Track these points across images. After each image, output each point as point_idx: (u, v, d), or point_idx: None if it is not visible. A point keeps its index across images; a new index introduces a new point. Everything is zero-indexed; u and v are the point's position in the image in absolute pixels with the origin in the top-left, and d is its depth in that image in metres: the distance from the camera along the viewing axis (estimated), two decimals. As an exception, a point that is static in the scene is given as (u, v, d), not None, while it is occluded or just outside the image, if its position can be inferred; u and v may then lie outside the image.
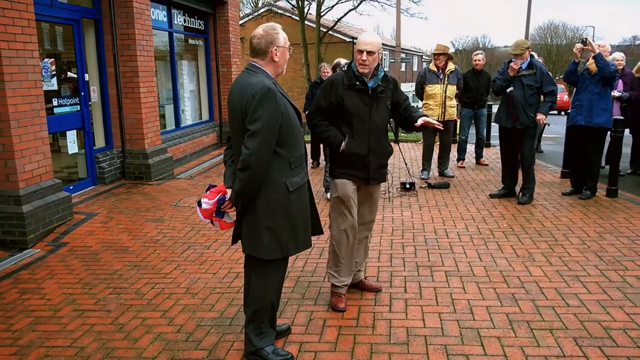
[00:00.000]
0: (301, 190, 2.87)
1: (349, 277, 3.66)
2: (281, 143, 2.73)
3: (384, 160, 3.67)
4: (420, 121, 3.55)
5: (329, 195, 6.64)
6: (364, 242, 3.83)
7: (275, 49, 2.79)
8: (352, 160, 3.48)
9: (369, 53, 3.38)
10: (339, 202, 3.54)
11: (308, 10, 25.26)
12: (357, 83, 3.43)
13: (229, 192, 2.85)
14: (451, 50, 8.22)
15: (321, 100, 3.51)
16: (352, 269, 3.67)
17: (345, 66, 3.58)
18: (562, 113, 22.71)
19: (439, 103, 7.52)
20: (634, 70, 7.83)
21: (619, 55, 7.57)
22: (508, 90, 6.07)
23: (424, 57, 44.47)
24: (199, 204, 2.90)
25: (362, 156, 3.49)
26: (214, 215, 2.92)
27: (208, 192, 2.91)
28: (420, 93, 7.80)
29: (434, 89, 7.51)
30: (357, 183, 3.57)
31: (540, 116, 6.04)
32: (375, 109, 3.49)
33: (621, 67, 7.52)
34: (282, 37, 2.83)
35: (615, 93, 7.21)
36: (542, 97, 6.15)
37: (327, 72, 7.89)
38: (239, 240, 2.97)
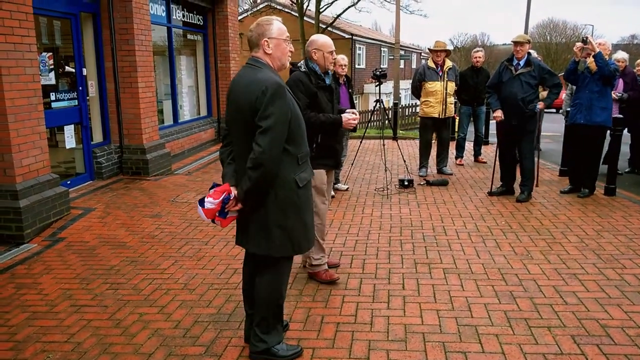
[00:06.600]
0: (308, 186, 2.90)
1: (325, 253, 4.09)
2: (290, 140, 2.70)
3: (341, 147, 4.24)
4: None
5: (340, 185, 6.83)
6: None
7: (266, 41, 2.74)
8: (326, 151, 3.85)
9: (336, 52, 4.01)
10: (316, 191, 3.80)
11: (307, 6, 25.11)
12: (320, 81, 3.83)
13: (233, 190, 2.76)
14: (450, 47, 8.25)
15: (303, 99, 3.70)
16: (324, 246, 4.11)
17: (302, 66, 3.83)
18: (560, 111, 22.68)
19: (440, 100, 7.53)
20: (636, 64, 7.80)
21: (620, 56, 7.55)
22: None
23: (422, 54, 44.36)
24: (202, 203, 2.75)
25: (333, 145, 3.94)
26: (217, 215, 2.77)
27: (212, 191, 2.76)
28: (418, 90, 7.78)
29: (435, 86, 7.52)
30: (327, 170, 3.97)
31: (540, 105, 6.17)
32: (334, 103, 3.96)
33: (623, 66, 7.50)
34: (276, 29, 2.76)
35: (615, 95, 7.18)
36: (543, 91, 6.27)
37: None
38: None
